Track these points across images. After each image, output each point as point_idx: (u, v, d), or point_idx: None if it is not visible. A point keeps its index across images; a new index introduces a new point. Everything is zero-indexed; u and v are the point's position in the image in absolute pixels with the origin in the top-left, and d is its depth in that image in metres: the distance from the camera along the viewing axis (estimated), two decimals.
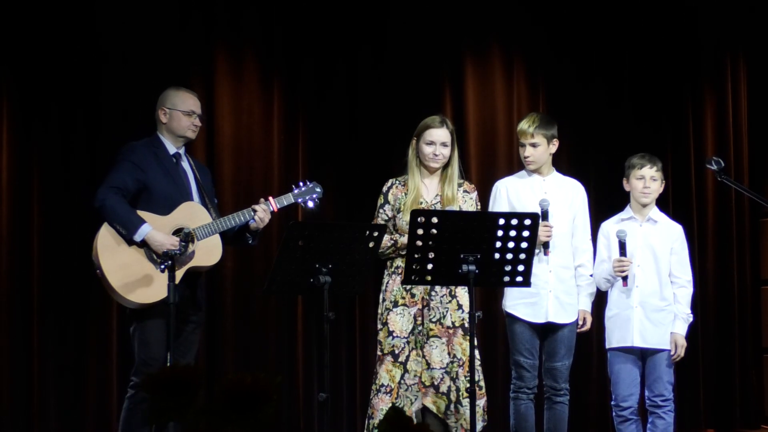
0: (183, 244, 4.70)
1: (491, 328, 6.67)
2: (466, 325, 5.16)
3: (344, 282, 4.57)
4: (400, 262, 5.16)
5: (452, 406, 5.11)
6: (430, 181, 5.29)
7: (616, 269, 5.26)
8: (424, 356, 5.13)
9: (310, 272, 4.45)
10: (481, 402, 5.12)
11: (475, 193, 5.35)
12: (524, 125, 5.35)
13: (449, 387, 5.11)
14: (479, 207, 5.37)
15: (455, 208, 5.19)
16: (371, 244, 4.54)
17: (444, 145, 5.24)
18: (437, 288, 5.14)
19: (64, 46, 6.35)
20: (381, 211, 5.28)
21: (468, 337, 5.13)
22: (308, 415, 6.60)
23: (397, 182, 5.32)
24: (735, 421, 7.13)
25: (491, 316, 6.24)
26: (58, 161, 6.31)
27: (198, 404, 2.12)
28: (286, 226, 4.64)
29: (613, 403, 5.41)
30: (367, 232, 4.54)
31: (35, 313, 6.25)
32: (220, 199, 5.95)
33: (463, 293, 5.18)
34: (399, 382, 5.10)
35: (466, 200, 5.28)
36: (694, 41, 7.27)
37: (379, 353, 5.16)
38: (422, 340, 5.14)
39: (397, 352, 5.11)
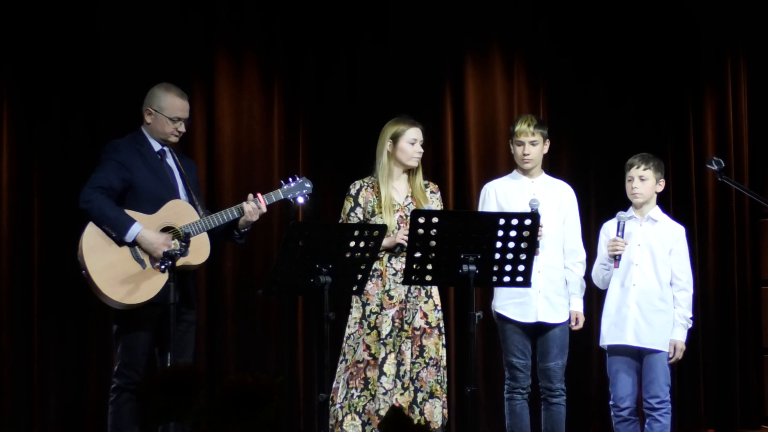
0: (183, 244, 4.68)
1: (491, 329, 6.66)
2: (442, 324, 5.21)
3: (344, 282, 4.57)
4: (377, 265, 5.19)
5: (408, 406, 5.13)
6: (398, 183, 5.34)
7: (609, 248, 5.26)
8: (401, 358, 5.15)
9: (310, 272, 4.45)
10: (442, 403, 5.19)
11: (439, 193, 5.46)
12: (523, 125, 5.37)
13: (409, 386, 5.14)
14: (441, 207, 5.48)
15: (425, 207, 5.24)
16: (371, 244, 4.54)
17: (421, 142, 5.31)
18: (412, 288, 5.17)
19: (65, 46, 6.35)
20: (352, 214, 5.29)
21: (443, 338, 5.20)
22: (308, 415, 6.61)
23: (365, 184, 5.34)
24: (735, 421, 7.13)
25: (491, 316, 6.24)
26: (58, 162, 6.31)
27: (198, 404, 2.12)
28: (286, 227, 4.63)
29: (611, 403, 5.42)
30: (367, 232, 4.54)
31: (36, 314, 6.26)
32: (220, 200, 5.96)
33: (436, 293, 5.22)
34: (377, 385, 5.12)
35: (433, 200, 5.36)
36: (694, 42, 7.27)
37: (365, 357, 5.15)
38: (400, 343, 5.16)
39: (382, 354, 5.14)
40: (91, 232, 4.80)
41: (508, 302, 5.32)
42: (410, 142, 5.30)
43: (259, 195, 5.02)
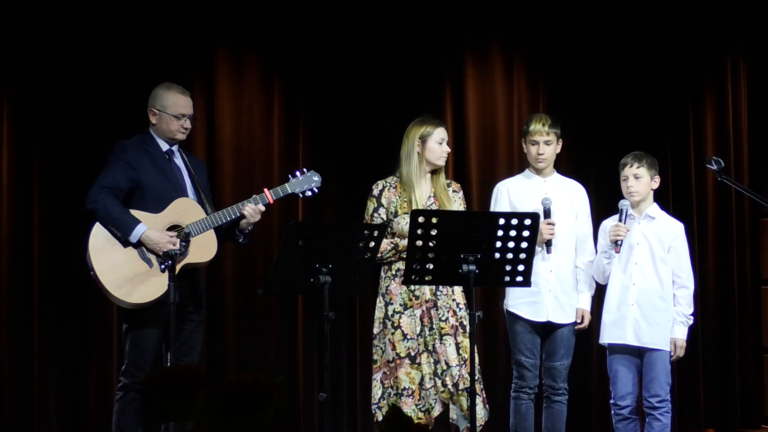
0: (183, 244, 4.69)
1: (491, 328, 6.68)
2: (465, 322, 5.20)
3: (344, 282, 4.56)
4: (400, 265, 5.17)
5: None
6: (422, 183, 5.32)
7: (611, 233, 5.25)
8: (436, 357, 5.13)
9: (310, 272, 4.44)
10: (482, 397, 5.18)
11: (462, 192, 5.42)
12: (538, 125, 5.36)
13: (447, 384, 5.13)
14: (465, 205, 5.43)
15: (450, 207, 5.23)
16: (371, 244, 4.54)
17: (447, 141, 5.31)
18: (441, 287, 5.16)
19: (65, 46, 6.35)
20: (375, 215, 5.27)
21: (467, 336, 5.17)
22: (308, 415, 6.61)
23: (388, 185, 5.32)
24: (735, 421, 7.13)
25: (491, 316, 6.24)
26: (58, 162, 6.32)
27: (199, 404, 2.12)
28: (286, 227, 4.63)
29: (611, 401, 5.41)
30: (367, 232, 4.54)
31: (36, 313, 6.26)
32: (220, 200, 5.96)
33: (459, 292, 5.21)
34: (420, 384, 5.11)
35: (455, 200, 5.33)
36: (694, 41, 7.27)
37: (393, 357, 5.14)
38: (433, 341, 5.14)
39: (413, 354, 5.12)
40: (97, 232, 4.82)
41: (521, 301, 5.31)
42: (438, 141, 5.28)
43: (265, 190, 5.02)
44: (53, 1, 6.37)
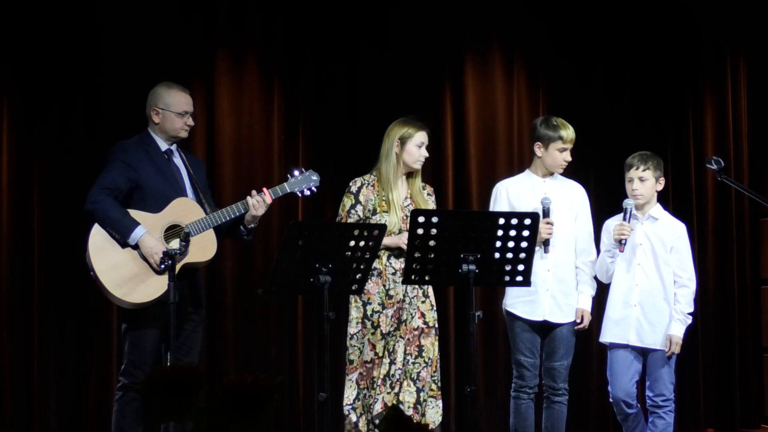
0: (183, 243, 4.69)
1: (491, 328, 6.67)
2: (435, 325, 5.23)
3: (344, 282, 4.57)
4: (377, 264, 5.19)
5: (413, 406, 5.13)
6: (398, 184, 5.34)
7: (615, 232, 5.26)
8: (393, 358, 5.16)
9: (310, 272, 4.45)
10: (440, 403, 5.22)
11: (434, 196, 5.46)
12: (569, 131, 5.35)
13: (402, 387, 5.14)
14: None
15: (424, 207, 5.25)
16: (371, 244, 4.54)
17: (427, 146, 5.31)
18: (409, 289, 5.17)
19: (65, 46, 6.35)
20: (352, 211, 5.28)
21: (438, 337, 5.21)
22: (308, 415, 6.61)
23: (366, 182, 5.33)
24: (735, 420, 7.13)
25: (491, 316, 6.24)
26: (58, 162, 6.31)
27: (199, 404, 2.12)
28: (286, 227, 4.64)
29: (611, 400, 5.42)
30: (367, 232, 4.54)
31: (36, 313, 6.26)
32: (220, 200, 5.96)
33: (431, 292, 5.26)
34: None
35: (429, 203, 5.36)
36: (694, 41, 7.28)
37: (372, 357, 5.16)
38: (394, 342, 5.17)
39: (385, 352, 5.16)
40: (97, 232, 4.82)
41: (518, 300, 5.32)
42: (417, 145, 5.30)
43: (264, 189, 5.03)
44: (53, 1, 6.37)
